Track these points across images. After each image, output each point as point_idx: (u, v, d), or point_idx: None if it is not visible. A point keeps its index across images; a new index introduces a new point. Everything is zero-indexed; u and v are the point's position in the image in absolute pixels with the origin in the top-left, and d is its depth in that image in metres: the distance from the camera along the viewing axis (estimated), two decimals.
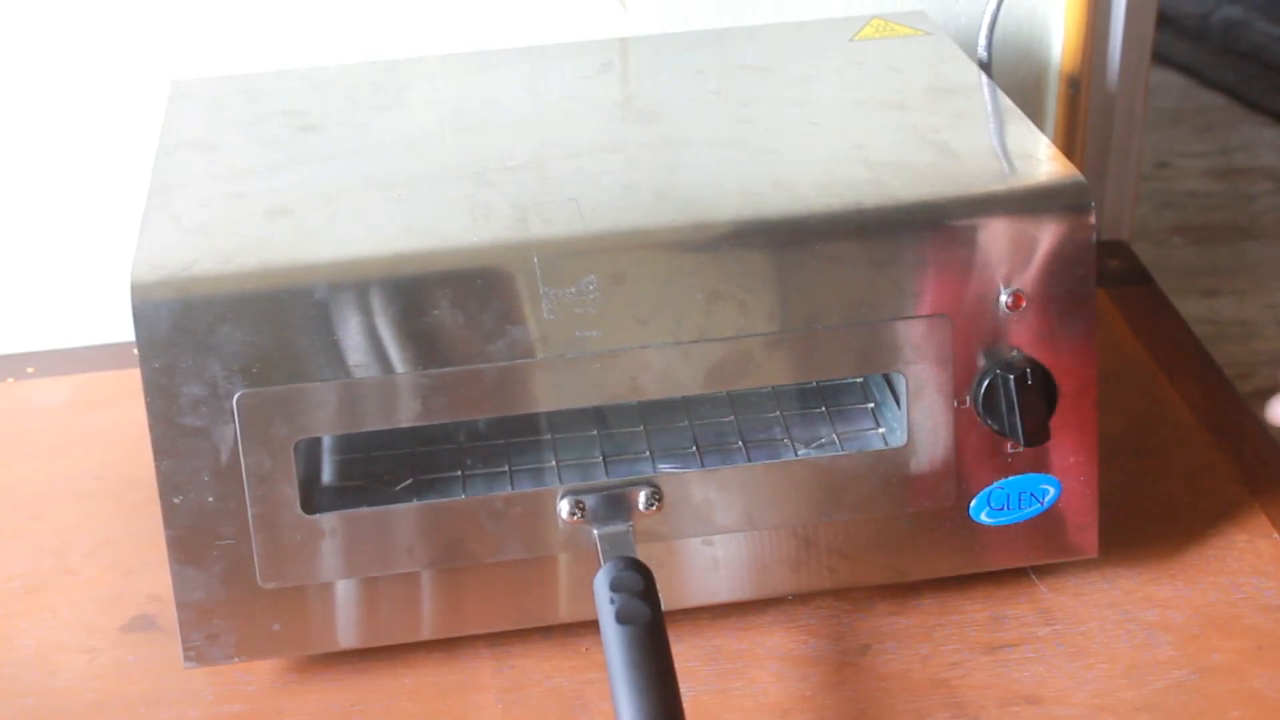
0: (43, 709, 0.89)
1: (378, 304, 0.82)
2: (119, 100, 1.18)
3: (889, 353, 0.86)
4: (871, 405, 0.94)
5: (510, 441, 0.93)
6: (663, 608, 0.81)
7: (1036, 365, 0.87)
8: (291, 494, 0.84)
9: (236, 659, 0.87)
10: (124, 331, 1.19)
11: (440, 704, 0.88)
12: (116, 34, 1.16)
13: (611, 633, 0.78)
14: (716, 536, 0.89)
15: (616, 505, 0.87)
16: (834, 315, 0.85)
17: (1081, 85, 1.25)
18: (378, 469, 0.92)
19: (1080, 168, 1.06)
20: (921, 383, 0.87)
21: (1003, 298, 0.86)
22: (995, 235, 0.86)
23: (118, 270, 1.10)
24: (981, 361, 0.87)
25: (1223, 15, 2.88)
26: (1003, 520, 0.90)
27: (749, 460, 0.90)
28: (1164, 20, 2.76)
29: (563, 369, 0.84)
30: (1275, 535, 0.98)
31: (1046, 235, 0.86)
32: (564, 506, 0.87)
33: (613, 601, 0.80)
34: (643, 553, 0.85)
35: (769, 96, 1.00)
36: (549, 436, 0.93)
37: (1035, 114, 1.27)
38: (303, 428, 0.83)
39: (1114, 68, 1.27)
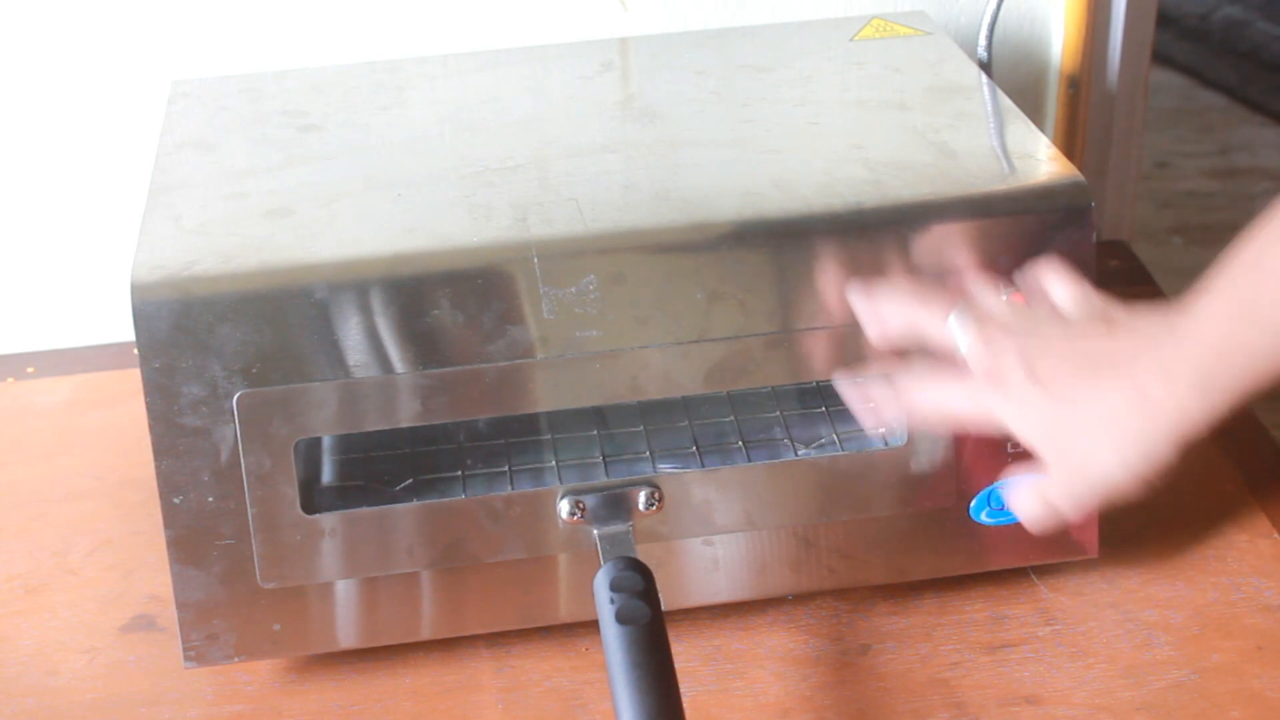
0: (43, 709, 0.89)
1: (378, 304, 0.82)
2: (119, 100, 1.18)
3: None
4: (871, 405, 0.94)
5: (510, 441, 0.93)
6: (663, 608, 0.81)
7: None
8: (291, 494, 0.84)
9: (236, 659, 0.87)
10: (124, 331, 1.19)
11: (440, 704, 0.88)
12: (116, 34, 1.16)
13: (611, 633, 0.78)
14: (716, 536, 0.89)
15: (616, 505, 0.87)
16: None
17: (1081, 85, 1.24)
18: (378, 469, 0.91)
19: (1080, 168, 1.06)
20: None
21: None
22: (995, 235, 0.85)
23: (118, 270, 1.09)
24: None
25: (1223, 15, 2.88)
26: (1003, 520, 0.90)
27: (749, 460, 0.90)
28: (1164, 20, 2.76)
29: (563, 369, 0.84)
30: (1275, 535, 0.98)
31: (1046, 235, 0.86)
32: (564, 506, 0.87)
33: (613, 601, 0.80)
34: (643, 553, 0.85)
35: (769, 96, 1.00)
36: (549, 436, 0.93)
37: (1035, 114, 1.27)
38: (303, 428, 0.83)
39: (1114, 68, 1.27)
